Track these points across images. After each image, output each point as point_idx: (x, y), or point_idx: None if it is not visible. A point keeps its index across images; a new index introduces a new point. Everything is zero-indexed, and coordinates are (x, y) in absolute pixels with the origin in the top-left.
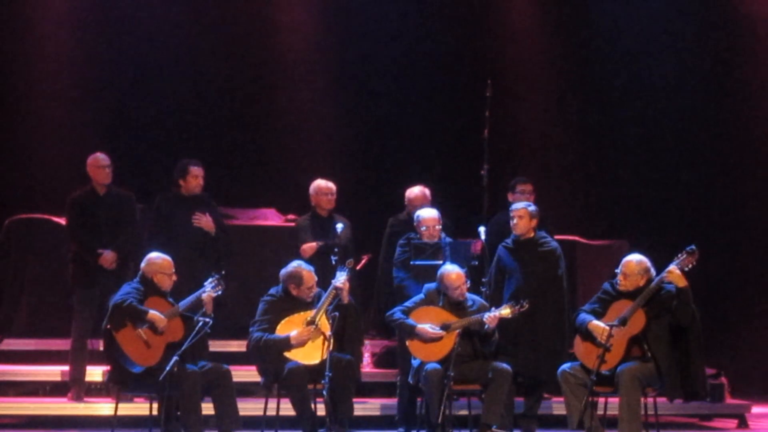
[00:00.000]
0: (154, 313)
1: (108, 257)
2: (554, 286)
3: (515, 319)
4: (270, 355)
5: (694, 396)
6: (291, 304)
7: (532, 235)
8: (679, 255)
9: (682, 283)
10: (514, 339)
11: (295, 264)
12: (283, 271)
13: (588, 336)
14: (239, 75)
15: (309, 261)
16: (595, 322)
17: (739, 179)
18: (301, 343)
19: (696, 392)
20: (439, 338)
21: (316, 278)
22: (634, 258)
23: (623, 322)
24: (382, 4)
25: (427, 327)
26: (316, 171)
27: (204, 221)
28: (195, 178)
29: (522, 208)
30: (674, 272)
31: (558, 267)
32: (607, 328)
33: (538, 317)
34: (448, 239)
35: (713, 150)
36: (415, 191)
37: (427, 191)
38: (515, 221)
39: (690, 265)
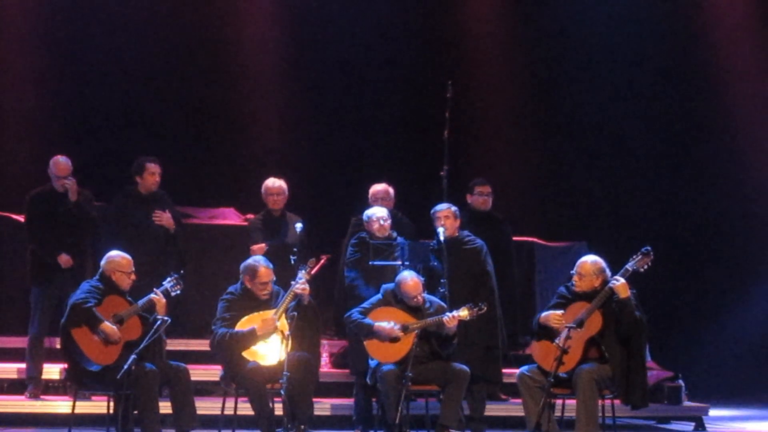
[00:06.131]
0: (107, 325)
1: (65, 257)
2: (483, 282)
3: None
4: (237, 350)
5: (634, 405)
6: (249, 302)
7: (456, 234)
8: (634, 256)
9: (624, 294)
10: None
11: (256, 258)
12: (243, 263)
13: (544, 334)
14: (197, 73)
15: None
16: (546, 312)
17: (699, 182)
18: (267, 334)
19: (635, 403)
20: (398, 338)
21: (273, 277)
22: (589, 258)
23: (580, 323)
24: (342, 4)
25: (384, 324)
26: (275, 170)
27: (165, 219)
28: (152, 176)
29: (446, 209)
30: (618, 281)
31: (486, 263)
32: (559, 313)
33: None
34: (401, 239)
35: (673, 153)
36: (378, 188)
37: (390, 189)
38: (442, 222)
39: (645, 266)
